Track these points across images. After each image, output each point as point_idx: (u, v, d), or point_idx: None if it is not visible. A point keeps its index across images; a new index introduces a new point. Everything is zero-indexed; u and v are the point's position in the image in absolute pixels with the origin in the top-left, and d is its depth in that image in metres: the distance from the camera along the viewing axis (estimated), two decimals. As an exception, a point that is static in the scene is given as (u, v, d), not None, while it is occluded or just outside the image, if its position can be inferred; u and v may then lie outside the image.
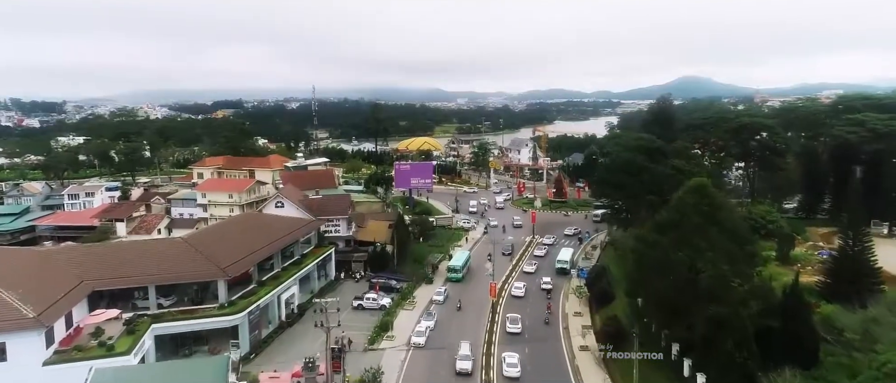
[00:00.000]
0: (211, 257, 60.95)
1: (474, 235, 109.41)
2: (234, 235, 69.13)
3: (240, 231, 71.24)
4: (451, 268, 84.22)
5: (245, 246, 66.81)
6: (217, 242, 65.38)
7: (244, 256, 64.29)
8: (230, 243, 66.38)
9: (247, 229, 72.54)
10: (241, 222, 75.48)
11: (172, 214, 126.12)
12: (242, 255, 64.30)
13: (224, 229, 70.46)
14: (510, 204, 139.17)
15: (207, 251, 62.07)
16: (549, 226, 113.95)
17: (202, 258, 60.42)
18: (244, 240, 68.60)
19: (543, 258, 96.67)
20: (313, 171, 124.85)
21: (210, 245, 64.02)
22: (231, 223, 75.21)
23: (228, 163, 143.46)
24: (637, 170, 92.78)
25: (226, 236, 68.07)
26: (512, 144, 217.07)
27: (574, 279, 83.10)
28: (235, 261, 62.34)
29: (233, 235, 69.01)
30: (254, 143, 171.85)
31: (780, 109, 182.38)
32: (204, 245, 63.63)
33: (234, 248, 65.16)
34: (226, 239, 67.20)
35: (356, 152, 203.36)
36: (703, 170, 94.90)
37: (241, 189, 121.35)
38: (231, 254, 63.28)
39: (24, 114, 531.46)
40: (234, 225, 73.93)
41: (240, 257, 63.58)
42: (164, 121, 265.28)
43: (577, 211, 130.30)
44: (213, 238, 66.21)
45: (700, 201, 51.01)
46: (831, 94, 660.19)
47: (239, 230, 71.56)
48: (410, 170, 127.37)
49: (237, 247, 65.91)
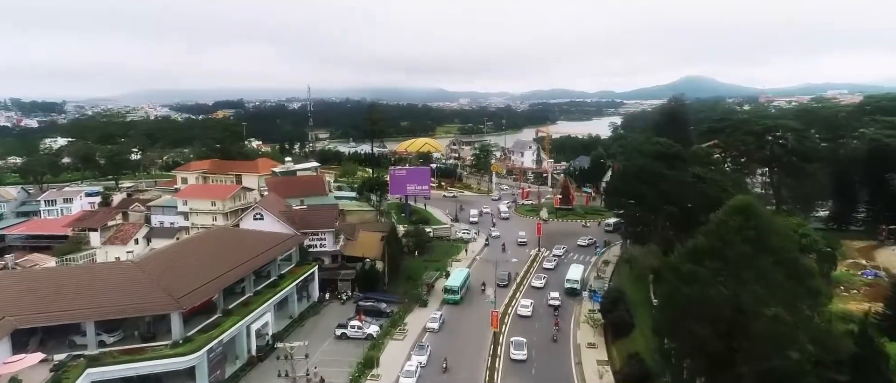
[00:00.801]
0: (165, 284, 51.59)
1: (474, 248, 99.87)
2: (197, 256, 59.73)
3: (205, 250, 61.85)
4: (447, 288, 74.65)
5: (209, 269, 57.45)
6: (175, 266, 56.00)
7: (207, 282, 54.92)
8: (191, 266, 57.01)
9: (214, 248, 63.14)
10: (207, 240, 66.17)
11: (152, 223, 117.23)
12: (205, 281, 54.95)
13: (186, 249, 61.16)
14: (513, 210, 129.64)
15: (162, 277, 52.71)
16: (557, 237, 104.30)
17: (153, 286, 51.05)
18: (209, 261, 59.21)
19: (553, 271, 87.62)
20: (302, 177, 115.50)
21: (166, 269, 54.66)
22: (196, 241, 65.91)
23: (215, 167, 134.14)
24: (654, 178, 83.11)
25: (187, 258, 58.68)
26: (515, 146, 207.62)
27: (586, 301, 73.47)
28: (195, 288, 52.94)
29: (196, 256, 59.61)
30: (243, 146, 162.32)
31: (797, 111, 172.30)
32: (158, 269, 54.26)
33: (195, 273, 55.81)
34: (186, 261, 57.81)
35: (353, 154, 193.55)
36: (726, 177, 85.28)
37: (225, 196, 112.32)
38: (190, 280, 53.93)
39: (24, 114, 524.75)
40: (200, 243, 64.58)
41: (201, 283, 54.21)
42: (154, 122, 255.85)
43: (584, 219, 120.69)
44: (171, 261, 56.85)
45: (746, 225, 41.43)
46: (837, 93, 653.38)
47: (204, 249, 62.17)
48: (406, 176, 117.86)
49: (199, 270, 56.56)
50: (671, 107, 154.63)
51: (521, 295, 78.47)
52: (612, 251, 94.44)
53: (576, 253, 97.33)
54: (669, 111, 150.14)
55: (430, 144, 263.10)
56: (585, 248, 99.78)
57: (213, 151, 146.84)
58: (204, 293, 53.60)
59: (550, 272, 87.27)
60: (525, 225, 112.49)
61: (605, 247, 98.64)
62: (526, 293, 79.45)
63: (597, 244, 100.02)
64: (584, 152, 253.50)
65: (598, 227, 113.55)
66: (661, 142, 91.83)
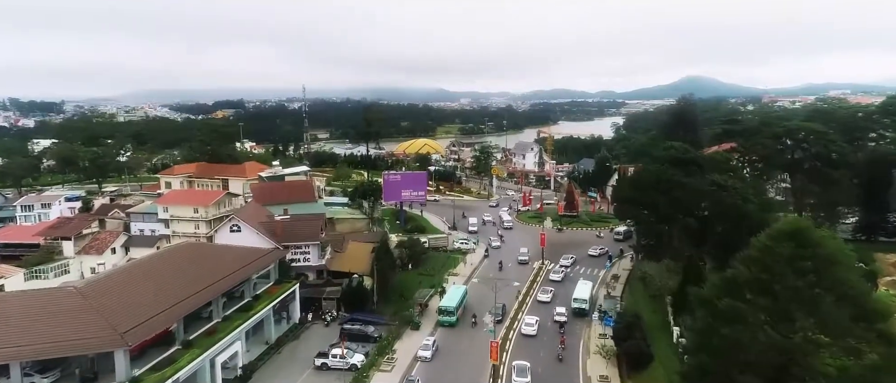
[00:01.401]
0: (111, 315, 43.96)
1: (473, 259, 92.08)
2: (155, 279, 52.04)
3: (166, 271, 54.18)
4: (442, 309, 66.81)
5: (168, 293, 49.79)
6: (127, 291, 48.31)
7: (162, 310, 47.26)
8: (147, 291, 49.32)
9: (177, 268, 55.46)
10: (171, 258, 58.52)
11: (132, 230, 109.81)
12: (161, 309, 47.28)
13: (143, 270, 53.52)
14: (515, 217, 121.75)
15: (108, 306, 45.05)
16: (562, 247, 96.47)
17: (96, 318, 43.40)
18: (170, 284, 51.55)
19: (560, 283, 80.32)
20: (290, 183, 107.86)
21: (115, 296, 46.98)
22: (158, 259, 58.17)
23: (201, 171, 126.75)
24: (668, 186, 75.39)
25: (143, 281, 50.98)
26: (516, 148, 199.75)
27: (596, 323, 65.67)
28: (146, 319, 45.34)
29: (154, 279, 51.92)
30: (234, 148, 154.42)
31: (811, 111, 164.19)
32: (107, 295, 46.59)
33: (150, 299, 48.13)
34: (141, 285, 50.10)
35: (348, 157, 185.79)
36: (748, 185, 77.43)
37: (208, 202, 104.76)
38: (144, 309, 46.28)
39: (22, 114, 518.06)
40: (162, 262, 56.91)
41: (156, 312, 46.58)
42: (144, 123, 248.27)
43: (591, 227, 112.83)
44: (123, 285, 49.18)
45: (800, 253, 33.72)
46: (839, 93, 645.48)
47: (166, 270, 54.49)
48: (401, 181, 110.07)
49: (156, 296, 48.89)
50: (680, 108, 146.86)
51: (525, 311, 71.03)
52: (622, 263, 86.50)
53: (586, 264, 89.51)
54: (678, 112, 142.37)
55: (429, 145, 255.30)
56: (597, 259, 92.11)
57: (202, 154, 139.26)
58: (157, 324, 45.91)
59: (557, 285, 79.93)
60: (528, 235, 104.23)
61: (617, 257, 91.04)
62: (531, 309, 72.05)
63: (610, 254, 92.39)
64: (587, 153, 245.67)
65: (609, 233, 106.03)
66: (675, 147, 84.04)
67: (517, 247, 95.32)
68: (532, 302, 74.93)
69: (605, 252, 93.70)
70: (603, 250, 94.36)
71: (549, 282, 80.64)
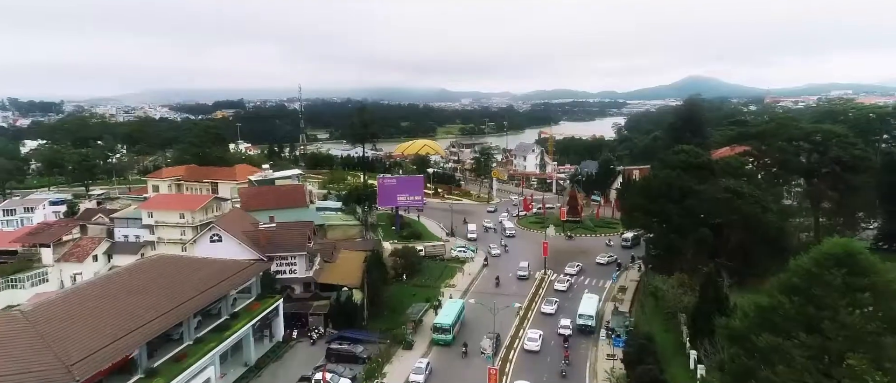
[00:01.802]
0: (60, 343, 38.67)
1: (472, 268, 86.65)
2: (117, 299, 46.70)
3: (131, 289, 48.79)
4: (437, 326, 61.39)
5: (130, 316, 44.42)
6: (82, 314, 43.00)
7: (121, 336, 41.96)
8: (105, 314, 43.98)
9: (144, 286, 50.09)
10: (138, 273, 53.11)
11: (116, 236, 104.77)
12: (120, 334, 41.97)
13: (102, 289, 48.19)
14: (516, 222, 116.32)
15: (58, 332, 39.73)
16: (566, 255, 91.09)
17: (41, 348, 38.11)
18: (132, 305, 46.17)
19: (566, 293, 75.34)
20: (280, 187, 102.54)
21: (68, 320, 41.65)
22: (121, 276, 52.52)
23: (189, 174, 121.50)
24: (681, 193, 70.04)
25: (102, 301, 45.63)
26: (517, 149, 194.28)
27: (603, 343, 60.25)
28: (102, 346, 40.02)
29: (116, 299, 46.58)
30: (226, 150, 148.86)
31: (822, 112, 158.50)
32: (57, 320, 41.26)
33: (109, 323, 42.77)
34: (100, 307, 44.75)
35: (345, 159, 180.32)
36: (766, 192, 71.95)
37: (195, 207, 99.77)
38: (99, 335, 40.94)
39: (22, 114, 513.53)
40: (126, 279, 51.40)
41: (113, 339, 41.25)
42: (137, 123, 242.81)
43: (595, 233, 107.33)
44: (79, 307, 43.88)
45: (852, 283, 28.35)
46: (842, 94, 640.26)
47: (130, 288, 49.11)
48: (397, 185, 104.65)
49: (116, 319, 43.50)
50: (687, 108, 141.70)
51: (528, 325, 65.85)
52: (630, 275, 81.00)
53: (592, 274, 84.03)
54: (685, 113, 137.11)
55: (429, 146, 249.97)
56: (605, 267, 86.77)
57: (192, 156, 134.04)
58: (114, 353, 40.51)
59: (562, 295, 74.87)
60: (531, 243, 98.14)
61: (626, 266, 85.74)
62: (534, 322, 67.02)
63: (619, 262, 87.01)
64: (589, 155, 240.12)
65: (618, 239, 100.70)
66: (685, 150, 78.69)
67: (519, 256, 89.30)
68: (535, 314, 69.95)
69: (613, 260, 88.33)
70: (611, 258, 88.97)
71: (554, 293, 75.54)
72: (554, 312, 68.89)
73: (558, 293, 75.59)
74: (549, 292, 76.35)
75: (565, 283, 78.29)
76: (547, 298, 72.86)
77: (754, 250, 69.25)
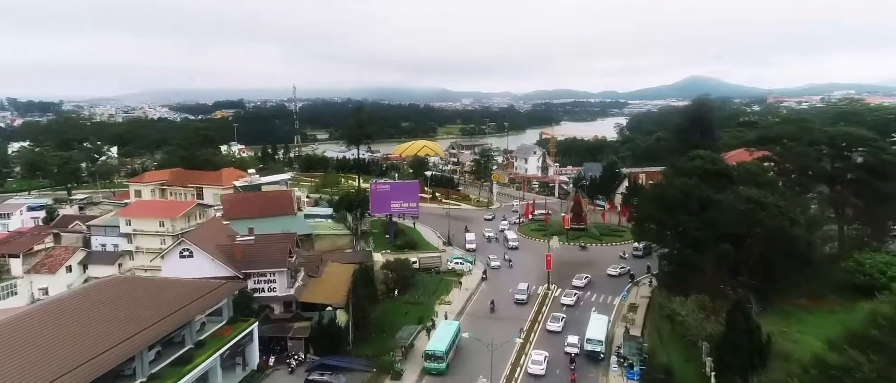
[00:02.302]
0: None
1: (470, 282, 79.93)
2: (58, 330, 40.16)
3: (80, 318, 42.25)
4: (429, 353, 54.70)
5: (72, 350, 37.94)
6: (13, 351, 36.50)
7: (57, 377, 35.44)
8: (41, 347, 37.49)
9: (93, 313, 43.53)
10: (87, 299, 46.48)
11: (92, 245, 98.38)
12: (56, 375, 35.48)
13: (42, 319, 41.69)
14: (517, 229, 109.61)
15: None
16: (571, 267, 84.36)
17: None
18: (76, 337, 39.65)
19: (573, 308, 69.29)
20: (266, 194, 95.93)
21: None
22: (68, 303, 45.75)
23: (174, 179, 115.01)
24: (699, 204, 63.37)
25: (40, 333, 39.11)
26: (518, 151, 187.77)
27: (614, 372, 53.53)
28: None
29: (56, 330, 40.04)
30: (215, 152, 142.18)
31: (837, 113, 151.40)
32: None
33: (43, 360, 36.33)
34: (37, 340, 38.24)
35: (341, 160, 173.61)
36: (791, 201, 65.17)
37: (175, 215, 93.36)
38: (29, 377, 34.52)
39: (21, 113, 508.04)
40: (73, 305, 44.80)
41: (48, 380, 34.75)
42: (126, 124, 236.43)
43: (601, 241, 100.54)
44: (10, 342, 37.36)
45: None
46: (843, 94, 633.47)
47: (78, 316, 42.57)
48: (391, 191, 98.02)
49: (53, 355, 37.06)
50: (696, 109, 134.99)
51: (532, 345, 59.36)
52: (640, 292, 74.20)
53: (601, 287, 77.32)
54: (694, 114, 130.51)
55: (428, 147, 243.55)
56: (617, 279, 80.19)
57: (179, 159, 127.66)
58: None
59: (569, 310, 68.69)
60: (536, 254, 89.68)
61: (634, 279, 79.19)
62: (538, 341, 60.82)
63: (632, 273, 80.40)
64: (591, 156, 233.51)
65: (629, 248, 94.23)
66: (701, 156, 72.00)
67: (521, 270, 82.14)
68: (540, 331, 63.71)
69: (626, 271, 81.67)
70: (624, 269, 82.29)
71: (561, 308, 69.31)
72: (561, 329, 62.68)
73: (565, 308, 69.39)
74: (555, 307, 70.02)
75: (573, 297, 71.94)
76: (553, 315, 66.46)
77: (776, 264, 62.78)
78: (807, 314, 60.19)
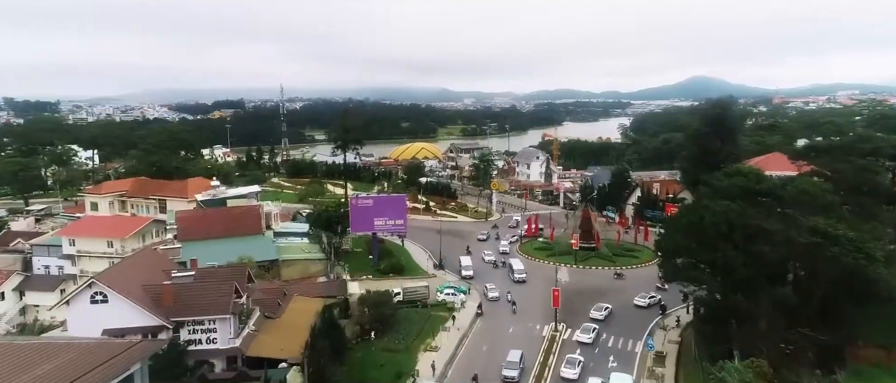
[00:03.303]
0: None
1: (463, 319, 66.42)
2: None
3: None
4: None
5: None
6: None
7: None
8: None
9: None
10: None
11: (34, 267, 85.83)
12: None
13: None
14: (519, 248, 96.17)
15: None
16: (584, 298, 71.03)
17: None
18: None
19: (590, 346, 57.76)
20: (232, 209, 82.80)
21: None
22: None
23: (136, 189, 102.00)
24: (746, 235, 49.94)
25: None
26: (520, 156, 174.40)
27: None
28: None
29: None
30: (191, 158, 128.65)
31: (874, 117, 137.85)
32: None
33: None
34: None
35: (330, 166, 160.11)
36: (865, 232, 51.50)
37: (125, 234, 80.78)
38: None
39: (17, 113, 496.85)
40: None
41: None
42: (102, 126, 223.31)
43: (613, 263, 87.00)
44: None
45: None
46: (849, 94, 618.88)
47: None
48: (374, 207, 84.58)
49: None
50: (718, 112, 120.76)
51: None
52: (668, 336, 60.66)
53: (624, 323, 63.91)
54: (714, 117, 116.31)
55: (426, 150, 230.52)
56: (646, 311, 67.02)
57: (146, 165, 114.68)
58: None
59: (586, 348, 56.95)
60: (540, 284, 75.02)
61: (665, 312, 65.99)
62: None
63: (663, 304, 67.11)
64: (595, 159, 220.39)
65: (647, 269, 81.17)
66: (742, 172, 58.60)
67: (525, 314, 67.31)
68: (551, 378, 51.85)
69: (656, 301, 68.32)
70: (653, 299, 68.90)
71: (576, 347, 57.27)
72: (577, 376, 50.77)
73: (581, 346, 57.42)
74: (566, 348, 57.37)
75: (591, 333, 59.40)
76: (567, 357, 53.81)
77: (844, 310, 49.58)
78: (886, 375, 47.17)
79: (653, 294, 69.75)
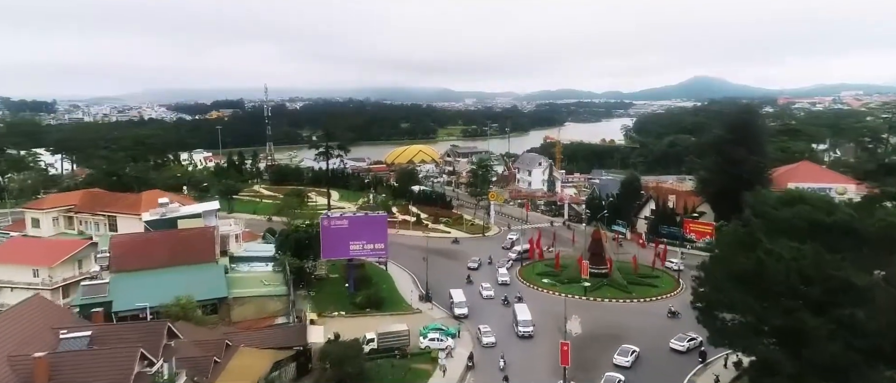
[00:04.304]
0: None
1: (452, 371, 53.24)
2: None
3: None
4: None
5: None
6: None
7: None
8: None
9: None
10: None
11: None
12: None
13: None
14: (518, 273, 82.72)
15: None
16: (600, 343, 57.77)
17: None
18: None
19: None
20: (180, 232, 69.44)
21: None
22: None
23: (84, 203, 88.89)
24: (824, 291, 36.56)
25: None
26: (521, 163, 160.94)
27: None
28: None
29: None
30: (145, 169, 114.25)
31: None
32: None
33: None
34: None
35: (317, 172, 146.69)
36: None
37: (52, 262, 67.58)
38: None
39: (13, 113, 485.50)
40: None
41: None
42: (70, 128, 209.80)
43: (629, 293, 73.59)
44: None
45: None
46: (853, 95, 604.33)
47: None
48: (349, 229, 71.18)
49: None
50: (741, 118, 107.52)
51: None
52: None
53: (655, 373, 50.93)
54: (740, 124, 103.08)
55: (424, 152, 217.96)
56: (684, 356, 54.13)
57: (104, 175, 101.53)
58: None
59: None
60: (546, 343, 57.78)
61: (705, 360, 52.78)
62: None
63: (703, 349, 53.65)
64: (598, 162, 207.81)
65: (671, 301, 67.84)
66: (805, 198, 45.24)
67: (530, 367, 53.69)
68: None
69: (697, 345, 55.02)
70: (693, 342, 55.57)
71: None
72: None
73: None
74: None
75: None
76: None
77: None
78: None
79: (692, 335, 56.13)
